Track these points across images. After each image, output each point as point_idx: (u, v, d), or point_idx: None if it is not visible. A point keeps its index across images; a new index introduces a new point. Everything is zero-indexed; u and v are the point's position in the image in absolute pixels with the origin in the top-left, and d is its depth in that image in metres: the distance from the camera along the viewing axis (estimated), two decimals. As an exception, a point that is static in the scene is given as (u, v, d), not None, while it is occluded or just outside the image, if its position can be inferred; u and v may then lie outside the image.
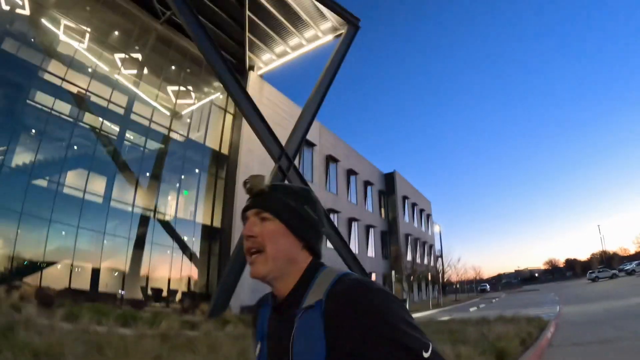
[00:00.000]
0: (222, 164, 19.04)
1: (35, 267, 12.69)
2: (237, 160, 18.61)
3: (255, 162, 18.75)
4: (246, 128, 18.82)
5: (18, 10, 13.33)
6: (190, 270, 17.19)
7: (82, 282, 13.76)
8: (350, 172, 30.08)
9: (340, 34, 17.59)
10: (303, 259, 0.87)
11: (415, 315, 18.33)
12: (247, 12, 17.35)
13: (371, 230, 32.05)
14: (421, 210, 45.98)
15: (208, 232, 17.85)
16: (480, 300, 32.61)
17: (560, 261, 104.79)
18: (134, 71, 16.80)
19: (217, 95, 20.02)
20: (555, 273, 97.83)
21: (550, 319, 10.33)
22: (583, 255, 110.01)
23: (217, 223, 18.17)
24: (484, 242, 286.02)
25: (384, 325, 0.70)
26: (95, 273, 14.24)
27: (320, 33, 18.71)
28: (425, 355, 0.70)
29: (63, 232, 13.61)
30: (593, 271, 47.02)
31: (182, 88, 18.55)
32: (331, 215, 25.44)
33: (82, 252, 13.78)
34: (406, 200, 39.94)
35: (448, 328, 8.74)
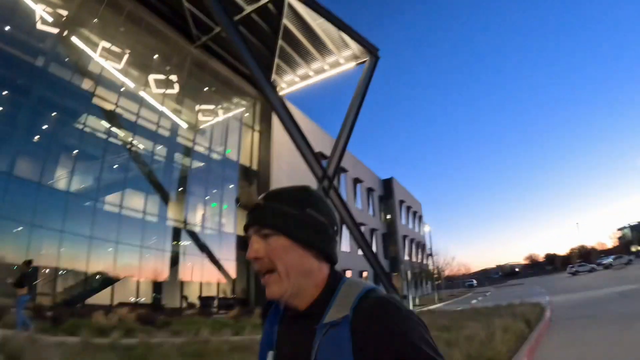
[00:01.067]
0: (253, 179, 21.93)
1: (107, 284, 14.99)
2: (268, 176, 21.52)
3: (284, 176, 21.76)
4: (275, 146, 21.80)
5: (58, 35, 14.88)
6: (240, 280, 20.13)
7: (148, 296, 16.44)
8: (356, 181, 33.39)
9: (363, 62, 20.64)
10: (318, 269, 0.84)
11: (430, 307, 21.78)
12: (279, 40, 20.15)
13: (374, 233, 35.49)
14: (414, 212, 50.05)
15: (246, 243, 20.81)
16: (474, 295, 36.33)
17: (540, 256, 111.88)
18: (173, 93, 19.17)
19: (244, 113, 22.86)
20: (535, 267, 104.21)
21: (546, 304, 13.84)
22: (562, 250, 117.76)
23: None
24: (464, 238, 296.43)
25: (411, 348, 0.71)
26: (157, 287, 16.74)
27: (342, 59, 21.69)
28: None
29: (127, 252, 15.83)
30: (573, 265, 52.17)
31: (215, 109, 21.28)
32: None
33: (145, 268, 16.30)
34: (402, 204, 43.78)
35: (484, 312, 12.12)
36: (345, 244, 28.15)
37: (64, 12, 14.99)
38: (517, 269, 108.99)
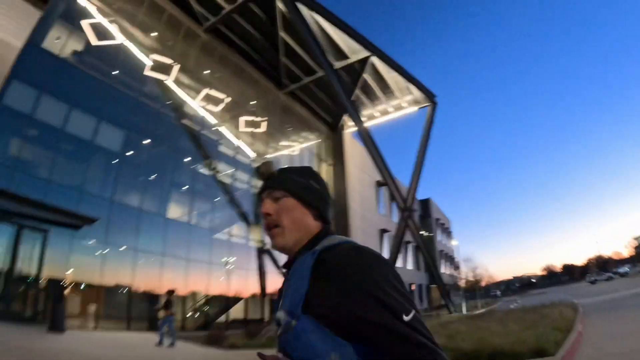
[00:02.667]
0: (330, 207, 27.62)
1: (230, 304, 19.61)
2: (344, 204, 27.15)
3: (357, 205, 27.57)
4: (350, 179, 27.63)
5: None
6: None
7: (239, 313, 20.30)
8: (392, 195, 39.17)
9: (423, 106, 26.57)
10: (314, 226, 1.07)
11: (482, 310, 27.15)
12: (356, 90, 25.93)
13: (408, 247, 41.21)
14: (445, 228, 56.53)
15: None
16: (505, 302, 41.64)
17: (557, 267, 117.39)
18: (260, 131, 23.89)
19: (319, 148, 28.68)
20: (553, 278, 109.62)
21: (576, 303, 19.50)
22: (579, 261, 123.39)
23: None
24: (480, 248, 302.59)
25: (368, 282, 0.83)
26: (246, 302, 20.86)
27: (404, 103, 27.57)
28: (405, 318, 0.81)
29: (237, 274, 19.98)
30: (591, 275, 58.23)
31: (293, 144, 26.97)
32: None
33: (250, 287, 20.88)
34: (437, 222, 50.21)
35: (533, 309, 17.63)
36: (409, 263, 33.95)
37: (172, 62, 18.67)
38: (533, 280, 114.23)
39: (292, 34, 20.85)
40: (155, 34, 18.30)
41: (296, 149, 27.48)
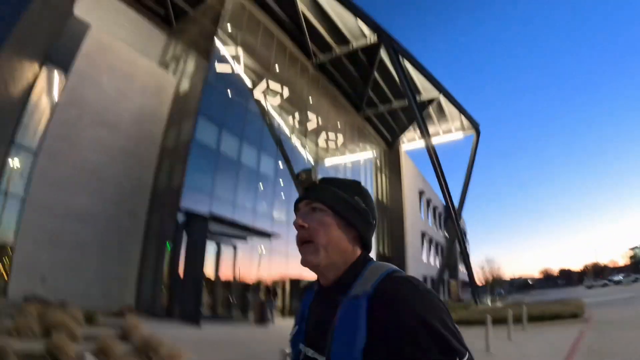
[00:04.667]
0: (385, 211, 35.10)
1: None
2: (400, 211, 34.78)
3: (410, 213, 35.25)
4: (405, 186, 35.30)
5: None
6: None
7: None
8: (428, 201, 46.97)
9: (468, 132, 34.30)
10: (352, 250, 1.03)
11: (504, 304, 35.17)
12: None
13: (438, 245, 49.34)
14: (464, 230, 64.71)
15: (382, 259, 33.90)
16: (516, 298, 49.57)
17: (554, 271, 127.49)
18: (334, 147, 31.33)
19: (376, 161, 36.16)
20: (549, 282, 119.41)
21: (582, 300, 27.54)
22: (576, 266, 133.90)
23: (389, 253, 34.26)
24: (477, 249, 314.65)
25: (424, 327, 0.82)
26: None
27: (453, 128, 35.21)
28: None
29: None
30: (588, 280, 68.61)
31: (359, 156, 34.28)
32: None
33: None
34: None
35: (546, 303, 25.58)
36: (431, 257, 42.10)
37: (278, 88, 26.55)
38: (530, 282, 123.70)
39: (382, 72, 28.16)
40: (277, 67, 24.57)
41: (358, 160, 34.28)
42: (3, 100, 9.37)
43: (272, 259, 20.33)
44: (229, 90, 19.90)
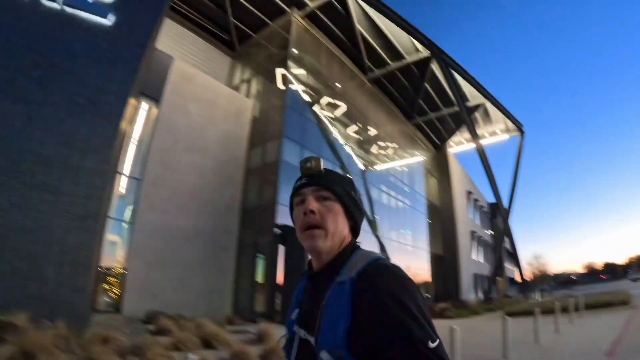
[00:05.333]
0: (438, 213, 35.86)
1: None
2: (451, 213, 35.42)
3: (460, 212, 36.07)
4: (455, 188, 36.06)
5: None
6: (436, 281, 34.01)
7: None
8: (475, 201, 47.46)
9: (512, 133, 34.85)
10: (347, 236, 1.13)
11: (553, 297, 35.55)
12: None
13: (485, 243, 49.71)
14: (507, 227, 64.97)
15: (437, 259, 34.55)
16: (563, 293, 49.76)
17: (597, 264, 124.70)
18: (391, 154, 32.29)
19: (426, 164, 36.99)
20: (592, 276, 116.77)
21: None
22: (619, 259, 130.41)
23: (443, 253, 34.95)
24: (520, 246, 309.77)
25: (400, 310, 0.89)
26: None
27: (498, 130, 35.81)
28: (431, 345, 0.86)
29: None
30: (633, 273, 68.73)
31: (411, 160, 35.19)
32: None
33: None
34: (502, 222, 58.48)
35: (606, 294, 26.05)
36: (480, 256, 42.72)
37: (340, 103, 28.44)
38: (573, 278, 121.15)
39: (432, 82, 29.08)
40: (337, 84, 25.83)
41: (409, 164, 34.74)
42: (114, 136, 10.81)
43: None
44: (300, 109, 21.07)
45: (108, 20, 11.68)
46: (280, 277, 16.42)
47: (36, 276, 9.00)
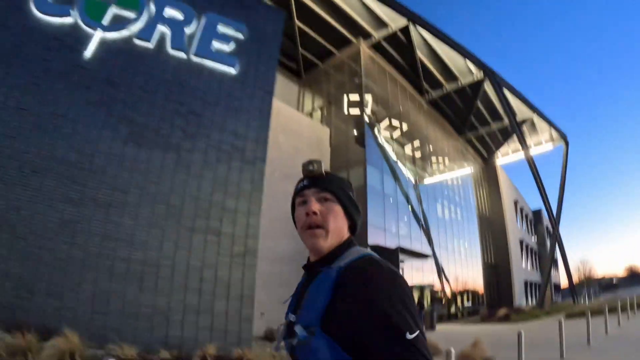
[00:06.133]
0: (489, 223, 36.76)
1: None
2: (502, 223, 36.33)
3: (510, 222, 36.89)
4: (504, 198, 36.98)
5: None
6: (489, 289, 34.96)
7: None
8: (521, 209, 48.16)
9: (557, 143, 35.70)
10: (346, 234, 1.18)
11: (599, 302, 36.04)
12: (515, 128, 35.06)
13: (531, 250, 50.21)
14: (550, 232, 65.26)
15: (490, 267, 35.44)
16: (608, 297, 49.90)
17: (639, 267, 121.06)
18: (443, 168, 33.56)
19: (476, 177, 37.94)
20: (634, 280, 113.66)
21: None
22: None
23: (495, 262, 35.89)
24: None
25: (381, 299, 0.91)
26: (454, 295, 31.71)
27: (543, 140, 36.65)
28: (409, 336, 0.88)
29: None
30: None
31: (462, 173, 36.19)
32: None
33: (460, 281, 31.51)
34: (546, 229, 58.72)
35: None
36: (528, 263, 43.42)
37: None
38: (614, 281, 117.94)
39: (484, 101, 30.30)
40: (399, 107, 27.29)
41: (459, 176, 35.63)
42: (261, 179, 12.38)
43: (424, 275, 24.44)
44: (375, 135, 22.59)
45: (234, 69, 12.84)
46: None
47: (206, 310, 10.28)
